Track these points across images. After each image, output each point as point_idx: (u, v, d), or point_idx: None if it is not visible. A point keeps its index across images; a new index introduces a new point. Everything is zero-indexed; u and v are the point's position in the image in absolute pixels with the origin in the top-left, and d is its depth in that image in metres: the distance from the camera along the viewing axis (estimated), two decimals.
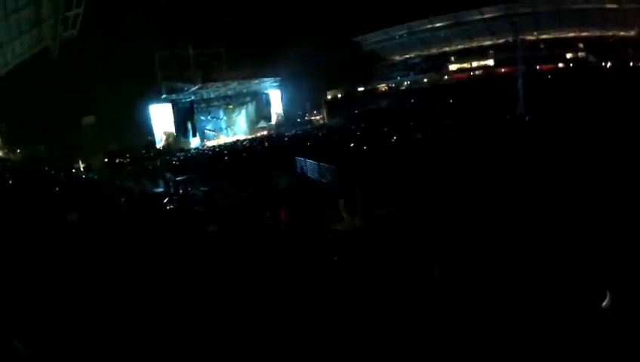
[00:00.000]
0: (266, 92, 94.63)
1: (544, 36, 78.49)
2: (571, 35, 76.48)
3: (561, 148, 20.64)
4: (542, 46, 77.60)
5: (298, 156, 31.50)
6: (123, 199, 22.74)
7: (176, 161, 57.07)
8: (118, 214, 16.00)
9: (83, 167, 64.13)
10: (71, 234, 9.41)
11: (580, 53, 75.68)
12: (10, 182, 25.88)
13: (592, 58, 72.65)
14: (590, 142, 20.74)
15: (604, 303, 5.35)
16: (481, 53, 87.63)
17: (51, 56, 42.24)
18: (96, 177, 51.59)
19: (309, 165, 29.25)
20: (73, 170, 53.73)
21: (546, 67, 72.94)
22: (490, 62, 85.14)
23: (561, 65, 74.85)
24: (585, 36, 75.31)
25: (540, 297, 5.84)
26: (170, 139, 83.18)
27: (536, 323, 5.12)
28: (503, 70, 77.21)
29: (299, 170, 29.90)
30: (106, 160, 73.92)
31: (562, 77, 65.04)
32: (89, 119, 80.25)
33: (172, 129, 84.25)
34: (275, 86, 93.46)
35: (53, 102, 73.17)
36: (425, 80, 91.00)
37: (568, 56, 76.48)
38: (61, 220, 10.64)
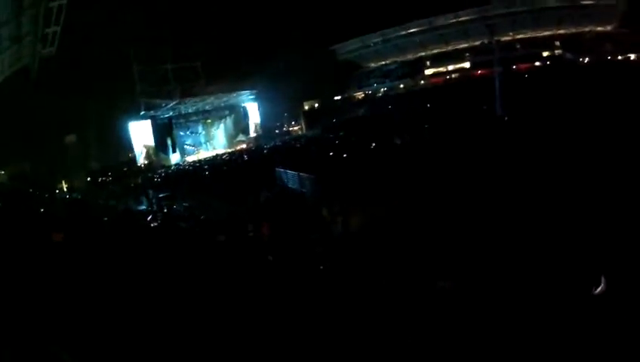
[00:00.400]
0: (243, 105, 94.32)
1: (520, 36, 79.49)
2: (548, 33, 77.50)
3: (540, 147, 20.97)
4: (518, 46, 78.38)
5: (278, 167, 31.69)
6: (106, 218, 22.81)
7: (157, 178, 56.96)
8: (103, 233, 16.11)
9: (67, 187, 63.80)
10: (56, 253, 9.56)
11: (556, 51, 76.56)
12: None
13: (568, 55, 73.43)
14: (568, 139, 21.11)
15: (598, 289, 5.56)
16: (457, 56, 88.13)
17: (31, 74, 42.17)
18: (79, 197, 51.41)
19: (289, 176, 29.44)
20: (57, 190, 53.48)
21: (523, 67, 73.42)
22: (467, 64, 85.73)
23: (538, 63, 75.45)
24: (561, 34, 76.43)
25: (535, 287, 6.08)
26: (152, 156, 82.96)
27: (534, 316, 5.30)
28: (479, 72, 77.94)
29: (279, 181, 30.08)
30: (89, 178, 73.61)
31: (539, 75, 65.85)
32: (71, 138, 79.75)
33: (152, 145, 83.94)
34: (252, 99, 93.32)
35: (35, 120, 72.83)
36: (401, 86, 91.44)
37: (545, 54, 77.20)
38: (46, 240, 10.79)
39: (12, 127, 67.22)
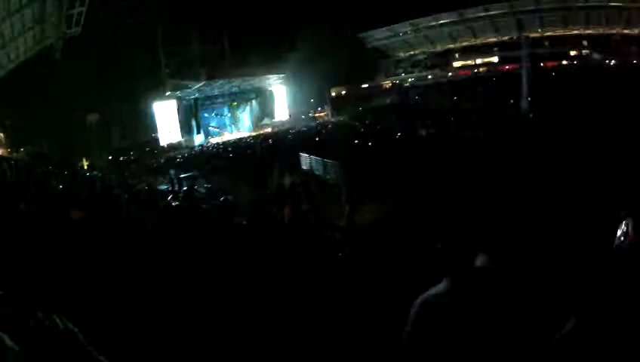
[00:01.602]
0: (270, 89, 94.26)
1: (548, 33, 78.24)
2: (575, 32, 76.32)
3: (562, 147, 20.60)
4: (546, 43, 77.51)
5: (303, 152, 31.53)
6: (127, 196, 22.76)
7: (180, 159, 57.04)
8: (122, 211, 16.00)
9: (87, 165, 64.07)
10: (75, 231, 9.41)
11: (583, 51, 75.71)
12: (12, 180, 25.92)
13: (595, 55, 72.59)
14: (592, 141, 20.73)
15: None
16: (485, 50, 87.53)
17: (55, 54, 42.33)
18: (100, 175, 51.67)
19: (313, 161, 29.29)
20: (77, 168, 53.76)
21: (550, 64, 72.91)
22: (495, 59, 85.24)
23: (564, 62, 74.93)
24: (589, 34, 75.21)
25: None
26: (176, 136, 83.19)
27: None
28: (507, 67, 77.51)
29: (303, 167, 29.92)
30: (110, 158, 73.86)
31: (566, 74, 65.45)
32: (93, 117, 79.89)
33: (176, 126, 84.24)
34: (280, 83, 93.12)
35: (56, 100, 73.10)
36: (429, 77, 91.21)
37: (572, 53, 76.41)
38: (64, 218, 10.64)
39: (33, 105, 67.66)
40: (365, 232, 13.83)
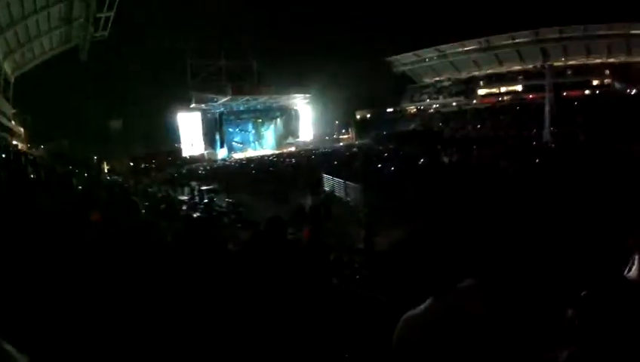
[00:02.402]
0: (295, 108, 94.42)
1: (572, 62, 78.35)
2: (598, 61, 76.33)
3: (582, 177, 20.50)
4: (569, 72, 77.34)
5: (325, 174, 31.58)
6: (147, 203, 22.88)
7: (202, 171, 57.28)
8: (140, 217, 16.04)
9: (107, 169, 64.41)
10: (93, 233, 9.44)
11: (606, 80, 75.37)
12: (33, 176, 26.08)
13: (617, 85, 72.27)
14: (611, 171, 20.64)
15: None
16: (510, 78, 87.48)
17: (81, 55, 42.83)
18: (120, 180, 51.90)
19: (335, 183, 29.31)
20: (97, 171, 54.08)
21: (573, 93, 72.77)
22: (519, 87, 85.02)
23: (587, 92, 74.79)
24: (611, 62, 75.12)
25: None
26: (198, 149, 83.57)
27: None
28: (530, 96, 77.68)
29: (325, 188, 29.95)
30: (132, 164, 74.27)
31: (588, 104, 66.05)
32: (116, 121, 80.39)
33: (200, 138, 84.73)
34: (305, 102, 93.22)
35: (79, 100, 73.70)
36: (454, 104, 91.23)
37: (595, 82, 76.16)
38: (83, 219, 10.68)
39: (56, 103, 68.08)
40: (383, 256, 13.77)
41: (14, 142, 37.01)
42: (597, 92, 73.78)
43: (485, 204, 17.34)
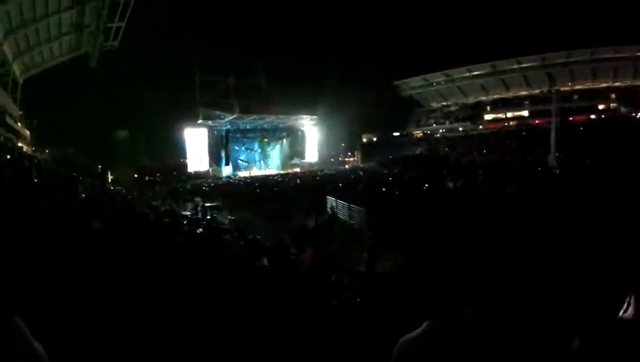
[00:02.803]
0: (302, 129, 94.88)
1: (578, 87, 78.82)
2: (604, 85, 76.81)
3: (585, 205, 20.45)
4: (575, 97, 77.83)
5: (329, 196, 31.54)
6: (149, 215, 22.84)
7: (206, 187, 57.25)
8: (142, 228, 16.04)
9: (112, 178, 64.43)
10: (94, 241, 9.44)
11: (611, 104, 75.91)
12: (37, 179, 26.06)
13: (623, 109, 72.45)
14: (615, 197, 20.62)
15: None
16: (516, 103, 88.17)
17: (90, 63, 43.05)
18: (124, 191, 51.86)
19: (339, 205, 29.26)
20: (102, 180, 54.12)
21: (578, 118, 73.38)
22: (525, 113, 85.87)
23: (593, 116, 75.33)
24: (617, 86, 75.59)
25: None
26: (203, 165, 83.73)
27: None
28: (537, 121, 78.44)
29: (329, 210, 29.90)
30: (136, 175, 74.35)
31: (594, 128, 66.86)
32: (122, 132, 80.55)
33: (205, 155, 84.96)
34: (312, 124, 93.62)
35: (86, 108, 74.01)
36: (460, 128, 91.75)
37: (600, 107, 76.72)
38: (85, 226, 10.68)
39: (63, 109, 68.30)
40: (384, 279, 13.72)
41: (19, 144, 37.06)
42: (602, 116, 74.42)
43: (488, 230, 17.29)
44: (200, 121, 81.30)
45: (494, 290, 8.71)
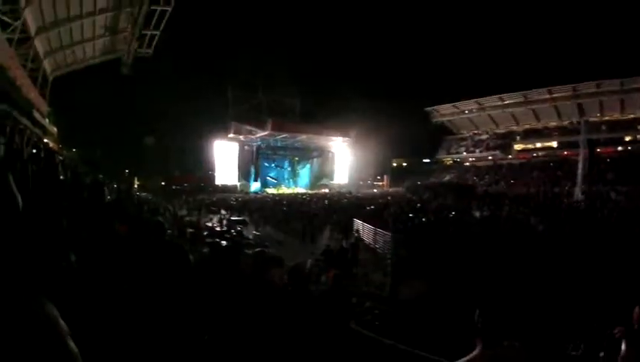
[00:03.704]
0: (333, 150, 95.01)
1: (606, 118, 78.43)
2: (631, 116, 76.24)
3: (608, 241, 20.16)
4: (604, 128, 77.51)
5: (357, 219, 31.49)
6: (175, 225, 22.99)
7: (233, 201, 57.42)
8: (166, 237, 16.11)
9: (138, 185, 64.83)
10: (118, 244, 9.50)
11: (638, 136, 75.02)
12: (62, 177, 26.21)
13: None
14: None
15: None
16: (546, 134, 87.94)
17: (124, 68, 43.47)
18: (150, 197, 52.19)
19: (365, 229, 29.20)
20: (128, 185, 54.51)
21: (606, 151, 72.85)
22: (554, 143, 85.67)
23: (620, 148, 75.01)
24: None
25: None
26: (232, 179, 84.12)
27: None
28: (565, 153, 78.19)
29: (355, 233, 29.85)
30: (163, 183, 74.87)
31: (620, 161, 67.12)
32: (151, 139, 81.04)
33: (234, 169, 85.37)
34: (344, 146, 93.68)
35: (116, 113, 74.74)
36: (489, 158, 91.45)
37: (627, 138, 76.17)
38: (110, 229, 10.77)
39: (92, 112, 69.01)
40: (405, 306, 13.69)
41: (46, 140, 37.50)
42: (629, 148, 73.69)
43: (510, 260, 17.17)
44: (231, 135, 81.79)
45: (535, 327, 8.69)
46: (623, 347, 4.44)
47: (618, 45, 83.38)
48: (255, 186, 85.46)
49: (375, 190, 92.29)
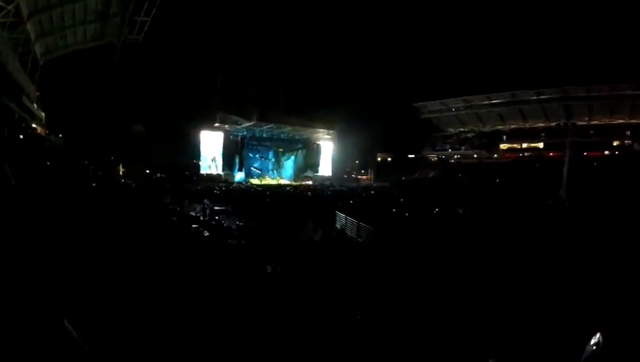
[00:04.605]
0: (318, 142, 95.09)
1: (594, 122, 79.57)
2: (620, 121, 77.31)
3: (591, 242, 20.35)
4: (591, 132, 78.59)
5: (339, 211, 31.53)
6: (157, 212, 23.03)
7: (217, 191, 57.30)
8: (149, 223, 16.15)
9: (122, 171, 64.55)
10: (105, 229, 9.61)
11: (626, 141, 76.63)
12: (48, 163, 26.20)
13: (637, 146, 73.08)
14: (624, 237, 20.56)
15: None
16: (532, 135, 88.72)
17: (113, 55, 43.44)
18: (133, 184, 51.95)
19: (348, 222, 29.23)
20: (112, 171, 54.23)
21: (592, 154, 73.95)
22: (540, 144, 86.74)
23: (607, 152, 75.92)
24: (633, 123, 76.20)
25: None
26: (216, 168, 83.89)
27: None
28: (551, 154, 79.34)
29: (337, 225, 29.89)
30: (147, 171, 74.58)
31: (607, 164, 66.89)
32: (138, 127, 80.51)
33: (219, 158, 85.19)
34: (328, 138, 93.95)
35: (104, 99, 74.11)
36: (475, 156, 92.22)
37: (615, 143, 77.27)
38: (97, 213, 10.88)
39: (80, 97, 68.42)
40: (385, 300, 13.74)
41: (34, 125, 37.31)
42: (616, 152, 74.79)
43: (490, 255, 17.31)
44: (217, 125, 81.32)
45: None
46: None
47: (609, 52, 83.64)
48: (239, 176, 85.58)
49: (360, 183, 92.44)
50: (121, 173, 63.19)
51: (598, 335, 4.95)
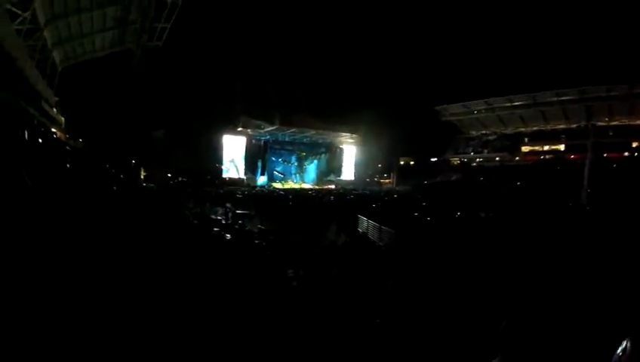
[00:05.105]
0: (341, 146, 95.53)
1: (614, 123, 78.67)
2: (639, 122, 76.21)
3: (611, 244, 20.15)
4: (611, 133, 77.47)
5: (361, 215, 31.50)
6: (180, 215, 23.17)
7: (239, 195, 57.47)
8: (172, 227, 16.27)
9: (144, 176, 64.90)
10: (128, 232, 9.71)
11: None
12: (68, 166, 26.40)
13: None
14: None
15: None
16: (553, 136, 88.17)
17: (133, 60, 43.68)
18: (155, 188, 52.25)
19: (370, 226, 29.20)
20: (133, 175, 54.51)
21: (612, 155, 72.92)
22: (562, 146, 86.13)
23: (626, 153, 75.05)
24: None
25: None
26: (239, 172, 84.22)
27: None
28: (572, 156, 78.79)
29: (359, 229, 29.88)
30: (169, 175, 74.95)
31: (627, 166, 66.34)
32: (159, 132, 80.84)
33: (241, 162, 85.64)
34: (351, 142, 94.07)
35: (124, 104, 74.51)
36: (497, 158, 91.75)
37: (634, 144, 76.34)
38: (118, 215, 10.98)
39: (100, 102, 68.84)
40: (406, 305, 13.73)
41: (53, 130, 37.64)
42: (635, 154, 74.02)
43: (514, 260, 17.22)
44: (240, 129, 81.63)
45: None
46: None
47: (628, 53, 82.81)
48: (262, 180, 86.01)
49: (382, 187, 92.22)
50: (142, 177, 63.55)
51: (626, 341, 4.91)
